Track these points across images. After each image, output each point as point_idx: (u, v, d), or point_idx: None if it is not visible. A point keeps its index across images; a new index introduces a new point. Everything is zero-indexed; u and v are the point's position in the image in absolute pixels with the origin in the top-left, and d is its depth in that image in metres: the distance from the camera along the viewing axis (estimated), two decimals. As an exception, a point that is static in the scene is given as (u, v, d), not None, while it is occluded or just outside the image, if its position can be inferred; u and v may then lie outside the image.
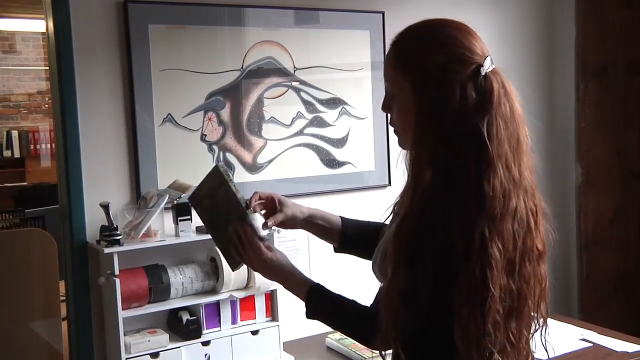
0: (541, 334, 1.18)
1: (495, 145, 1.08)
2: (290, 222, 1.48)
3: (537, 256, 1.14)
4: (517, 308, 1.11)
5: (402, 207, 1.14)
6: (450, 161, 1.08)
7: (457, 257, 1.05)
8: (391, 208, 1.33)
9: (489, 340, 1.08)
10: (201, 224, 2.28)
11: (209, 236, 2.22)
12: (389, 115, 1.25)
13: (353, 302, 1.29)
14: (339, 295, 1.31)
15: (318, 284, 1.34)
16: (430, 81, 1.11)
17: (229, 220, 1.41)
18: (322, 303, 1.33)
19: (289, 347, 2.44)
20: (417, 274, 1.07)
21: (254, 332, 2.35)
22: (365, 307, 1.26)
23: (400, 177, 1.23)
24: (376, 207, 2.81)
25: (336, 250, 1.55)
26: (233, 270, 1.46)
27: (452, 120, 1.08)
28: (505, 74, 1.15)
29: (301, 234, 1.40)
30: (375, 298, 1.24)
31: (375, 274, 1.29)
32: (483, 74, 1.10)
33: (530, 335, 1.17)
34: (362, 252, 1.50)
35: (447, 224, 1.06)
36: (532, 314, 1.15)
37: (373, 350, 1.30)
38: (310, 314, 1.33)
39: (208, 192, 1.45)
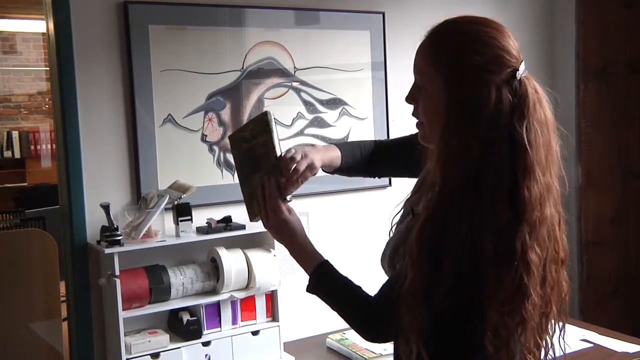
0: (560, 337, 1.20)
1: (534, 152, 1.08)
2: None
3: (561, 263, 1.16)
4: (543, 313, 1.13)
5: (425, 205, 1.12)
6: (482, 163, 1.07)
7: (486, 260, 1.05)
8: (402, 204, 1.32)
9: (527, 348, 1.11)
10: (201, 224, 2.31)
11: (209, 237, 2.25)
12: (412, 107, 1.21)
13: (358, 289, 1.27)
14: (346, 278, 1.29)
15: (327, 261, 1.31)
16: (466, 81, 1.10)
17: (256, 169, 1.37)
18: (326, 281, 1.29)
19: (289, 347, 2.44)
20: (441, 275, 1.06)
21: (255, 333, 2.35)
22: (370, 296, 1.24)
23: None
24: (377, 208, 2.82)
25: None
26: (251, 221, 1.41)
27: (486, 122, 1.07)
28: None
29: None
30: (381, 290, 1.22)
31: (383, 268, 1.29)
32: (518, 78, 1.10)
33: (553, 337, 1.19)
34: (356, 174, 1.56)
35: (474, 226, 1.05)
36: (554, 317, 1.17)
37: (369, 342, 1.30)
38: (311, 289, 1.30)
39: (248, 136, 1.40)
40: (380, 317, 1.22)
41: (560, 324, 1.19)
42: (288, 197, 1.34)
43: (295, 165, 1.33)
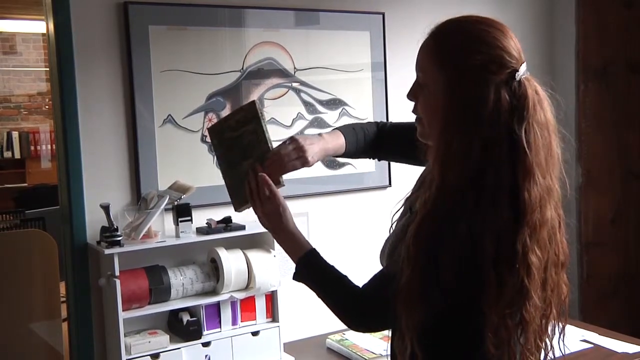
0: (560, 339, 1.20)
1: (534, 153, 1.08)
2: None
3: (561, 266, 1.16)
4: (544, 315, 1.14)
5: (422, 203, 1.12)
6: (482, 163, 1.07)
7: (486, 261, 1.05)
8: (402, 202, 1.32)
9: (528, 349, 1.11)
10: (201, 224, 2.31)
11: (209, 237, 2.25)
12: (413, 104, 1.22)
13: (345, 278, 1.27)
14: (333, 267, 1.29)
15: (315, 249, 1.32)
16: (467, 80, 1.10)
17: (247, 156, 1.36)
18: (314, 269, 1.30)
19: (289, 348, 2.44)
20: (438, 275, 1.07)
21: (255, 333, 2.35)
22: (357, 286, 1.24)
23: (400, 176, 1.22)
24: (376, 208, 2.82)
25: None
26: (236, 211, 1.41)
27: (486, 122, 1.08)
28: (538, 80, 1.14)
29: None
30: (370, 281, 1.23)
31: (382, 265, 1.29)
32: (518, 79, 1.10)
33: (553, 339, 1.19)
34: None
35: (474, 226, 1.05)
36: (553, 319, 1.18)
37: (353, 330, 1.30)
38: (298, 276, 1.31)
39: (233, 125, 1.40)
40: (365, 309, 1.23)
41: (560, 326, 1.19)
42: (281, 182, 1.34)
43: (282, 159, 1.35)
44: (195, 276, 2.25)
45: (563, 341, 1.20)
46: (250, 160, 1.36)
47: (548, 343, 1.17)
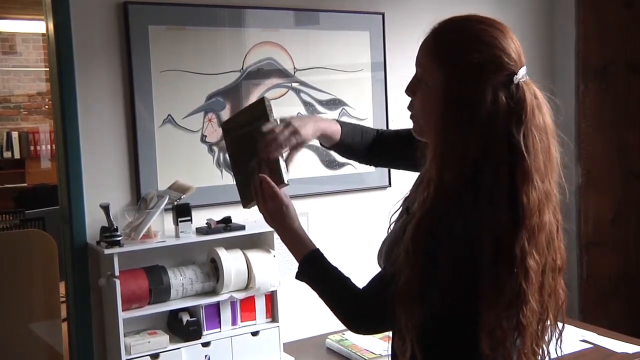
0: (557, 343, 1.20)
1: (532, 158, 1.08)
2: None
3: (558, 271, 1.16)
4: (540, 319, 1.14)
5: (420, 203, 1.12)
6: (480, 164, 1.07)
7: (484, 262, 1.05)
8: (400, 202, 1.32)
9: (524, 354, 1.12)
10: (201, 225, 2.31)
11: (209, 237, 2.25)
12: (410, 99, 1.22)
13: (347, 280, 1.27)
14: (336, 268, 1.29)
15: (318, 249, 1.32)
16: (464, 78, 1.10)
17: (253, 154, 1.36)
18: (316, 269, 1.30)
19: (289, 348, 2.44)
20: (437, 275, 1.07)
21: (254, 333, 2.35)
22: (358, 288, 1.24)
23: (400, 177, 1.21)
24: (376, 208, 2.82)
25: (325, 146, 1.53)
26: (244, 207, 1.41)
27: (483, 122, 1.08)
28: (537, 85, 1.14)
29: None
30: (370, 283, 1.23)
31: (380, 265, 1.29)
32: (516, 82, 1.10)
33: (549, 344, 1.19)
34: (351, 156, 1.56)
35: (472, 227, 1.05)
36: (550, 324, 1.17)
37: (354, 333, 1.31)
38: (300, 276, 1.31)
39: (243, 122, 1.40)
40: (366, 311, 1.23)
41: (557, 331, 1.19)
42: (286, 181, 1.34)
43: (274, 133, 1.34)
44: (195, 276, 2.25)
45: (560, 347, 1.20)
46: (257, 159, 1.36)
47: (544, 348, 1.17)
